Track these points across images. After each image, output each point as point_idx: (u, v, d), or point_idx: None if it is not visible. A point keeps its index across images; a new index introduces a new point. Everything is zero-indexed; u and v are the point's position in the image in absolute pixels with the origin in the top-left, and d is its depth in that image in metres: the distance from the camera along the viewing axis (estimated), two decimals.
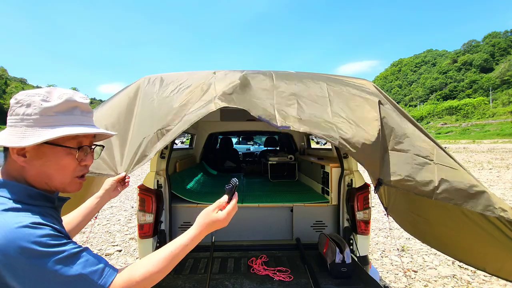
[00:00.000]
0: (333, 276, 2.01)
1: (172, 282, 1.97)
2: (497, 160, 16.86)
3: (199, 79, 1.73)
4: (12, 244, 0.64)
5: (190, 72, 1.86)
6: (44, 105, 0.79)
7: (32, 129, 0.78)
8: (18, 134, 0.77)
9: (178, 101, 1.61)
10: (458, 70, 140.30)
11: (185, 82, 1.72)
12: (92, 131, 0.85)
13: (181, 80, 1.75)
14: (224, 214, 0.95)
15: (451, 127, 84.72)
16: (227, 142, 6.25)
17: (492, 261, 1.88)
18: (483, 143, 44.35)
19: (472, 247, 1.98)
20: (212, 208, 0.95)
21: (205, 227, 0.93)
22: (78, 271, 0.70)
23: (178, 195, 2.73)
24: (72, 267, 0.69)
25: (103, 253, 4.19)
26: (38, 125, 0.78)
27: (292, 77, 1.79)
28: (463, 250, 2.07)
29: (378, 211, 6.17)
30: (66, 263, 0.69)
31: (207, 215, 0.94)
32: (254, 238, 2.75)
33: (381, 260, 3.89)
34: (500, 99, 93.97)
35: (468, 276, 3.35)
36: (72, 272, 0.69)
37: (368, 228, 2.46)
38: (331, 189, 2.78)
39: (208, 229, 0.93)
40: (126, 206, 7.16)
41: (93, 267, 0.73)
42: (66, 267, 0.68)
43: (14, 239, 0.65)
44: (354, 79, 1.99)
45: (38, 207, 0.78)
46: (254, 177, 4.90)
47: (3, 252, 0.64)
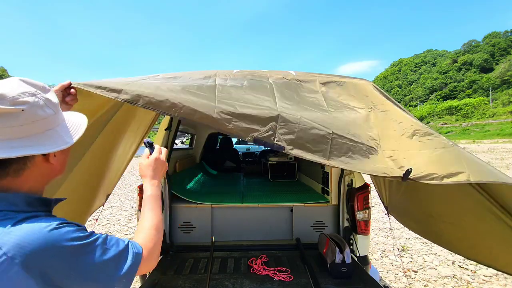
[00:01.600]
0: (333, 276, 2.01)
1: (172, 282, 1.97)
2: (497, 160, 16.86)
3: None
4: (53, 247, 0.65)
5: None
6: (54, 99, 0.79)
7: (60, 127, 0.80)
8: (55, 136, 0.77)
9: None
10: (458, 70, 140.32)
11: None
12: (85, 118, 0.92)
13: None
14: (156, 154, 1.07)
15: (451, 127, 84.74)
16: (227, 142, 6.25)
17: (498, 256, 1.86)
18: (483, 143, 44.35)
19: (478, 243, 1.96)
20: (143, 161, 1.06)
21: (151, 173, 1.03)
22: (117, 250, 0.75)
23: (178, 195, 2.73)
24: (110, 249, 0.74)
25: None
26: (60, 121, 0.81)
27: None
28: (468, 247, 2.05)
29: (378, 211, 6.17)
30: (104, 248, 0.73)
31: (144, 165, 1.05)
32: (254, 238, 2.75)
33: (381, 260, 3.89)
34: (500, 99, 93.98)
35: (468, 276, 3.35)
36: (112, 253, 0.74)
37: (368, 228, 2.47)
38: (331, 189, 2.78)
39: (155, 172, 1.04)
40: (126, 206, 7.16)
41: (124, 243, 0.78)
42: (106, 251, 0.73)
43: (53, 241, 0.66)
44: (354, 79, 1.99)
45: (40, 212, 0.76)
46: (254, 177, 4.90)
47: (47, 257, 0.65)
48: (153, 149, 1.10)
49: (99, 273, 0.71)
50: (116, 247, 0.76)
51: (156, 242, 0.88)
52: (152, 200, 0.98)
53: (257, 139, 1.30)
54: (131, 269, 0.76)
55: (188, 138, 5.04)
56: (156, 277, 2.04)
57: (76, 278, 0.68)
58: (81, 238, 0.70)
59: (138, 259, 0.78)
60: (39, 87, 0.76)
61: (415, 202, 2.35)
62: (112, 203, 7.41)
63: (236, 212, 2.82)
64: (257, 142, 1.31)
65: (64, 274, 0.67)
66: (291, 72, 1.90)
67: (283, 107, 1.48)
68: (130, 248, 0.78)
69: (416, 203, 2.35)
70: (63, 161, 0.86)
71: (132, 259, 0.77)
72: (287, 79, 1.78)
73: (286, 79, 1.78)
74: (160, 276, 2.05)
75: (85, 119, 0.91)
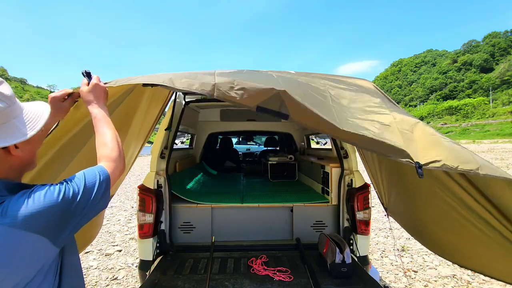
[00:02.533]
0: (333, 276, 2.01)
1: (172, 282, 1.97)
2: (497, 160, 16.86)
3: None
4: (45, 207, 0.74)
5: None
6: (8, 92, 0.80)
7: (17, 120, 0.81)
8: (12, 129, 0.78)
9: None
10: (458, 70, 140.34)
11: None
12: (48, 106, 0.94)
13: None
14: (94, 80, 1.15)
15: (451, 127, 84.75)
16: (227, 142, 6.25)
17: (489, 263, 1.85)
18: (483, 143, 44.36)
19: (469, 249, 1.95)
20: (83, 88, 1.14)
21: (94, 98, 1.11)
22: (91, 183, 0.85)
23: (178, 195, 2.73)
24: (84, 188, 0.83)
25: (103, 253, 4.19)
26: (18, 114, 0.82)
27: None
28: (459, 253, 2.04)
29: (378, 211, 6.17)
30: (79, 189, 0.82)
31: (86, 92, 1.12)
32: (254, 238, 2.75)
33: (381, 260, 3.89)
34: (500, 99, 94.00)
35: (468, 276, 3.35)
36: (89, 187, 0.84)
37: (368, 228, 2.47)
38: (331, 189, 2.78)
39: (98, 96, 1.12)
40: (126, 206, 7.17)
41: (93, 174, 0.87)
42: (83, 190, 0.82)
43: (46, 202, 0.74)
44: (354, 79, 1.99)
45: None
46: (254, 177, 4.90)
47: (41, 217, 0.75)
48: (91, 78, 1.17)
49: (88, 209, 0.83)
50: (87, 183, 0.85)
51: (118, 150, 1.00)
52: (102, 119, 1.06)
53: (261, 107, 1.24)
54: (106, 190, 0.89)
55: (188, 138, 5.04)
56: (156, 277, 2.04)
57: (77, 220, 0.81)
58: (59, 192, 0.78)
59: (107, 181, 0.90)
60: None
61: (409, 205, 2.35)
62: (112, 203, 7.41)
63: (236, 212, 2.81)
64: (260, 110, 1.24)
65: (68, 220, 0.78)
66: (290, 72, 1.91)
67: (288, 84, 1.39)
68: (98, 179, 0.88)
69: (410, 206, 2.34)
70: (30, 152, 0.87)
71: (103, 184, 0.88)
72: (288, 75, 1.79)
73: (287, 75, 1.79)
74: (160, 276, 2.05)
75: (48, 108, 0.92)
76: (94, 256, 4.09)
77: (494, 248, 1.71)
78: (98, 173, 0.88)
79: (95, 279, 3.42)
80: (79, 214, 0.80)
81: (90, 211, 0.83)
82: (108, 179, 0.90)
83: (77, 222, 0.81)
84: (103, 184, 0.87)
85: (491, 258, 1.81)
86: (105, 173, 0.90)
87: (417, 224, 2.34)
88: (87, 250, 4.26)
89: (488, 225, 1.65)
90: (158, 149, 2.51)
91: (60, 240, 0.78)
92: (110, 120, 1.07)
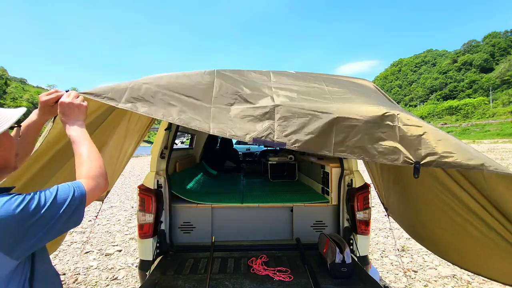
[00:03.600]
0: (333, 276, 2.01)
1: (172, 282, 1.97)
2: (497, 160, 16.83)
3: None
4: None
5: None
6: None
7: None
8: None
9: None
10: (458, 70, 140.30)
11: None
12: (22, 110, 0.94)
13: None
14: (65, 99, 1.10)
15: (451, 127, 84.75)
16: (227, 142, 6.25)
17: (487, 264, 1.84)
18: (483, 143, 44.36)
19: (467, 250, 1.94)
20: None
21: (67, 119, 1.08)
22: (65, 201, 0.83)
23: (178, 195, 2.73)
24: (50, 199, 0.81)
25: (103, 253, 4.19)
26: None
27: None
28: (457, 253, 2.04)
29: (378, 211, 6.17)
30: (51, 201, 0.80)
31: (60, 113, 1.09)
32: (254, 238, 2.75)
33: (381, 260, 3.89)
34: (500, 99, 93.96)
35: (468, 276, 3.35)
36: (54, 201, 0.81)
37: (368, 228, 2.46)
38: (331, 189, 2.78)
39: (70, 115, 1.08)
40: (126, 206, 7.16)
41: (66, 190, 0.86)
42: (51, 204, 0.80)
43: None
44: (355, 79, 2.00)
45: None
46: (254, 177, 4.90)
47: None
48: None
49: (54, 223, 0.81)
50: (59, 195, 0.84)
51: (97, 167, 0.97)
52: (77, 140, 1.03)
53: (257, 139, 1.30)
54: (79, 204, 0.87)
55: (188, 138, 5.04)
56: (156, 277, 2.04)
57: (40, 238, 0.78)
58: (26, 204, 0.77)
59: (82, 198, 0.88)
60: None
61: (408, 205, 2.34)
62: (112, 203, 7.41)
63: (236, 212, 2.81)
64: (256, 142, 1.30)
65: (24, 238, 0.75)
66: (290, 72, 1.91)
67: (281, 99, 1.46)
68: (73, 196, 0.86)
69: (408, 206, 2.34)
70: (1, 156, 0.87)
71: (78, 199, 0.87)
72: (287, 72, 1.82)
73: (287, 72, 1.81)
74: (160, 276, 2.05)
75: (19, 112, 0.91)
76: (94, 256, 4.09)
77: (492, 249, 1.70)
78: (73, 188, 0.86)
79: (95, 279, 3.42)
80: (44, 226, 0.78)
81: (58, 225, 0.81)
82: (83, 196, 0.88)
83: (42, 235, 0.78)
84: (76, 200, 0.85)
85: (489, 259, 1.80)
86: (81, 189, 0.88)
87: (416, 224, 2.33)
88: (87, 250, 4.27)
89: (487, 226, 1.65)
90: (158, 149, 2.51)
91: (19, 252, 0.75)
92: (86, 139, 1.04)
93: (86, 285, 3.29)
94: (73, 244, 4.55)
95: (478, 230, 1.70)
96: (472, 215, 1.69)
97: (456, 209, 1.78)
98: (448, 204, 1.82)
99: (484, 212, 1.63)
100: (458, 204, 1.75)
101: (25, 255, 0.78)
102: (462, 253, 2.00)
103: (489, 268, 1.84)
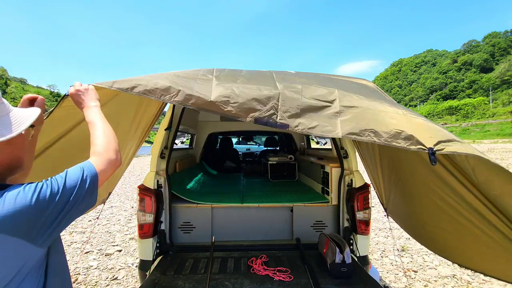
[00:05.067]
0: (333, 276, 2.01)
1: (172, 282, 1.97)
2: (497, 160, 16.84)
3: None
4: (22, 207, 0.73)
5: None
6: None
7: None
8: None
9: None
10: (458, 70, 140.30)
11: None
12: (38, 111, 0.93)
13: None
14: (73, 89, 1.17)
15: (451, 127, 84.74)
16: (227, 142, 6.25)
17: (490, 263, 1.84)
18: (483, 143, 44.35)
19: (470, 249, 1.94)
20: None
21: (81, 101, 1.13)
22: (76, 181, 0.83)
23: (178, 195, 2.73)
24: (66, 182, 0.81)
25: (103, 253, 4.19)
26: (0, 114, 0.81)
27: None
28: (460, 253, 2.04)
29: (378, 211, 6.17)
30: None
31: (73, 96, 1.16)
32: (254, 238, 2.75)
33: (381, 260, 3.89)
34: (500, 99, 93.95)
35: (468, 276, 3.35)
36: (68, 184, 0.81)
37: (368, 228, 2.46)
38: (331, 189, 2.78)
39: (83, 98, 1.14)
40: (126, 206, 7.16)
41: (76, 172, 0.85)
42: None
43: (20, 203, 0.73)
44: (355, 79, 2.00)
45: None
46: (254, 177, 4.90)
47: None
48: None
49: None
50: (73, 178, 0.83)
51: (108, 143, 0.97)
52: (91, 121, 1.05)
53: (258, 119, 1.23)
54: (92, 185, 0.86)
55: (188, 138, 5.04)
56: (156, 277, 2.04)
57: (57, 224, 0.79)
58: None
59: (94, 179, 0.87)
60: None
61: (408, 205, 2.34)
62: (112, 203, 7.41)
63: (236, 212, 2.81)
64: (258, 122, 1.23)
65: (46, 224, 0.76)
66: (290, 72, 1.91)
67: (284, 86, 1.42)
68: (83, 176, 0.86)
69: (409, 206, 2.34)
70: (12, 155, 0.85)
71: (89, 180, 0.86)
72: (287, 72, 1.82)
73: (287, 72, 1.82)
74: (160, 276, 2.05)
75: (35, 112, 0.90)
76: (94, 256, 4.09)
77: (496, 248, 1.70)
78: (82, 169, 0.86)
79: (95, 279, 3.42)
80: (61, 211, 0.78)
81: (73, 209, 0.81)
82: (94, 175, 0.87)
83: (61, 220, 0.79)
84: (87, 181, 0.84)
85: (492, 258, 1.80)
86: (91, 169, 0.87)
87: (417, 224, 2.33)
88: (87, 250, 4.26)
89: (490, 224, 1.64)
90: (158, 149, 2.51)
91: (43, 240, 0.76)
92: (97, 118, 1.06)
93: (86, 285, 3.29)
94: (73, 244, 4.55)
95: (481, 230, 1.70)
96: (475, 214, 1.69)
97: (459, 209, 1.78)
98: (450, 204, 1.81)
99: (487, 210, 1.63)
100: (461, 204, 1.75)
101: (49, 242, 0.79)
102: (465, 253, 2.01)
103: (493, 267, 1.84)
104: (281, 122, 1.22)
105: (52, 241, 0.81)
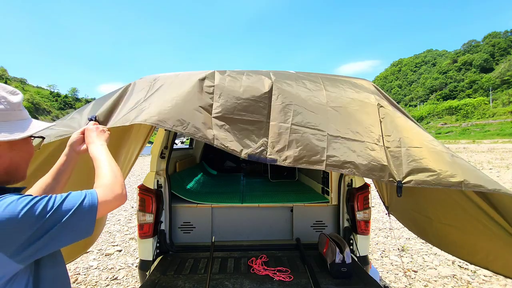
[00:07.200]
0: (333, 276, 2.01)
1: (172, 282, 1.97)
2: (497, 160, 16.86)
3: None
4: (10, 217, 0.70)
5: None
6: (13, 100, 0.82)
7: (8, 123, 0.80)
8: None
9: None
10: (458, 70, 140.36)
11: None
12: (49, 124, 0.96)
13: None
14: (89, 125, 1.22)
15: (451, 127, 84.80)
16: None
17: (495, 259, 1.87)
18: (483, 143, 44.36)
19: (475, 245, 1.97)
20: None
21: (91, 139, 1.14)
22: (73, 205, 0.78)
23: (178, 195, 2.73)
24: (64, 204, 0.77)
25: (103, 253, 4.19)
26: (12, 119, 0.82)
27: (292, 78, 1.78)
28: (465, 249, 2.06)
29: (378, 211, 6.17)
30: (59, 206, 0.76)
31: (86, 134, 1.18)
32: (254, 238, 2.75)
33: (381, 260, 3.89)
34: (500, 99, 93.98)
35: (468, 276, 3.35)
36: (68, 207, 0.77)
37: (368, 228, 2.46)
38: (331, 189, 2.78)
39: (94, 136, 1.16)
40: (126, 206, 7.16)
41: (77, 196, 0.81)
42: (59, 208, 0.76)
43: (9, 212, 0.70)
44: (354, 79, 1.99)
45: None
46: (254, 177, 4.91)
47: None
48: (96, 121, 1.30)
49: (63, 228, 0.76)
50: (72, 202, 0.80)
51: (114, 177, 0.95)
52: (97, 158, 1.05)
53: (251, 154, 1.39)
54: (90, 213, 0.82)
55: (188, 138, 5.04)
56: (156, 277, 2.04)
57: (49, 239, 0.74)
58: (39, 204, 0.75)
59: (94, 208, 0.83)
60: (8, 90, 0.84)
61: (413, 202, 2.35)
62: None
63: (236, 212, 2.81)
64: (251, 158, 1.39)
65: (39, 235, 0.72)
66: (290, 72, 1.91)
67: (275, 117, 1.51)
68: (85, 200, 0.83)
69: (414, 203, 2.35)
70: (11, 160, 0.84)
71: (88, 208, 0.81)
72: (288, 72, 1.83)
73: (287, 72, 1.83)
74: (160, 276, 2.05)
75: (47, 124, 0.92)
76: (94, 256, 4.09)
77: (499, 243, 1.73)
78: (85, 195, 0.81)
79: (95, 279, 3.42)
80: (47, 232, 0.73)
81: (63, 232, 0.75)
82: (93, 204, 0.81)
83: (47, 241, 0.73)
84: (85, 209, 0.79)
85: (496, 252, 1.83)
86: (93, 197, 0.82)
87: (421, 220, 2.34)
88: (87, 250, 4.26)
89: (493, 220, 1.68)
90: (158, 149, 2.51)
91: (23, 257, 0.71)
92: (103, 154, 1.05)
93: (86, 285, 3.29)
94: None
95: (485, 226, 1.74)
96: (480, 211, 1.73)
97: (464, 205, 1.81)
98: (455, 200, 1.85)
99: (491, 210, 1.67)
100: (465, 200, 1.78)
101: (30, 260, 0.74)
102: (470, 248, 2.03)
103: (496, 262, 1.87)
104: (271, 157, 1.40)
105: (35, 257, 0.75)
